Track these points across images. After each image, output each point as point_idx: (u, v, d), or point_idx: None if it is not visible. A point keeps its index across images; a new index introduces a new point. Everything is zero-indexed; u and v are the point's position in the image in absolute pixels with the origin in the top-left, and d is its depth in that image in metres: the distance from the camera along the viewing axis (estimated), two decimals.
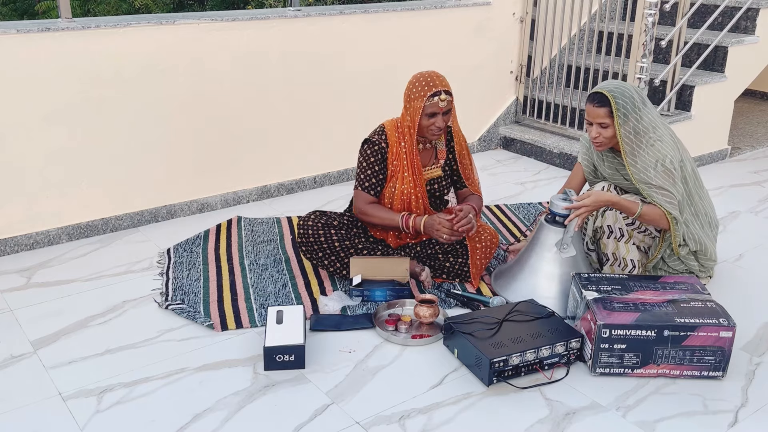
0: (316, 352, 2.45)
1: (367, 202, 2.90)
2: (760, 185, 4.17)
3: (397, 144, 2.86)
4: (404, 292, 2.78)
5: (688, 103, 4.34)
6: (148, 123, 3.41)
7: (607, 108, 2.63)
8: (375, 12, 3.99)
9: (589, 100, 2.69)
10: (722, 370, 2.31)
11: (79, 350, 2.46)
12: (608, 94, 2.62)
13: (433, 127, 2.77)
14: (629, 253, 2.77)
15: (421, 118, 2.76)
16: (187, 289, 2.87)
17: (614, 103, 2.61)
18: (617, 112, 2.61)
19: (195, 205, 3.68)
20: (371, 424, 2.11)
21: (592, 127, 2.69)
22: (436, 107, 2.73)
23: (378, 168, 2.87)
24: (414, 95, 2.76)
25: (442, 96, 2.72)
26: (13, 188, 3.15)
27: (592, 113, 2.67)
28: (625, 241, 2.77)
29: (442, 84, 2.74)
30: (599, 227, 2.81)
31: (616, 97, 2.62)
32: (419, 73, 2.80)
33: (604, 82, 2.75)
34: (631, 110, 2.62)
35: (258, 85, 3.69)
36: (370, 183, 2.88)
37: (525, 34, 4.70)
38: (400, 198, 2.87)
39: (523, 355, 2.28)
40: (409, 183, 2.86)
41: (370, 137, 2.90)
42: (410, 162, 2.86)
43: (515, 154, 4.77)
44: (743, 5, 4.39)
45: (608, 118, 2.64)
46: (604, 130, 2.66)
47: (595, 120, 2.67)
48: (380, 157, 2.87)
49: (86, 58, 3.17)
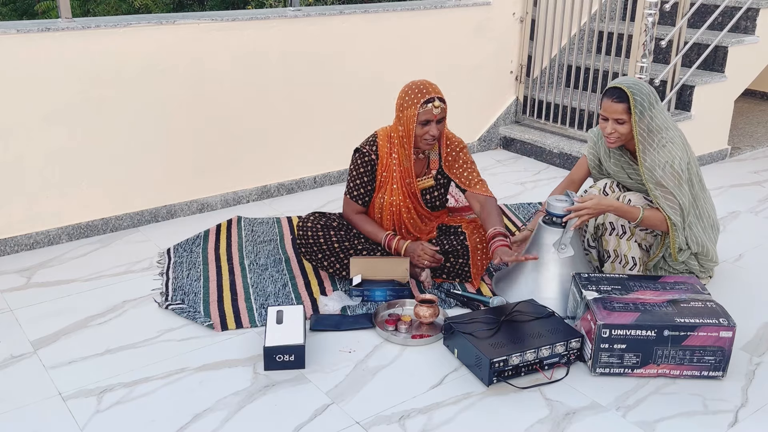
0: (316, 352, 2.45)
1: (355, 212, 2.92)
2: (760, 185, 4.17)
3: (387, 155, 2.84)
4: (404, 292, 2.78)
5: (688, 103, 4.34)
6: (148, 123, 3.41)
7: (626, 104, 2.61)
8: (375, 12, 3.99)
9: (606, 96, 2.65)
10: (722, 370, 2.31)
11: (79, 350, 2.46)
12: (627, 90, 2.61)
13: (427, 135, 2.74)
14: (631, 251, 2.77)
15: (415, 127, 2.73)
16: (187, 289, 2.87)
17: (632, 99, 2.60)
18: (635, 109, 2.59)
19: (195, 205, 3.68)
20: (371, 424, 2.11)
21: (608, 123, 2.66)
22: (429, 114, 2.70)
23: (367, 179, 2.86)
24: (407, 103, 2.73)
25: (435, 102, 2.70)
26: (13, 188, 3.15)
27: (609, 109, 2.64)
28: (627, 238, 2.77)
29: (435, 91, 2.72)
30: (601, 224, 2.81)
31: (634, 94, 2.60)
32: (411, 82, 2.78)
33: (620, 78, 2.72)
34: (647, 107, 2.62)
35: (258, 85, 3.69)
36: (358, 193, 2.89)
37: (525, 34, 4.70)
38: (389, 210, 2.88)
39: (523, 355, 2.28)
40: (398, 195, 2.85)
41: (361, 147, 2.88)
42: (401, 174, 2.83)
43: (515, 154, 4.77)
44: (743, 5, 4.39)
45: (625, 114, 2.62)
46: (620, 126, 2.64)
47: (612, 116, 2.64)
48: (369, 168, 2.85)
49: (86, 58, 3.17)
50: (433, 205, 2.95)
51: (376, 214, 2.93)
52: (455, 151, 2.90)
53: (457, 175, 2.90)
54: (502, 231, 2.72)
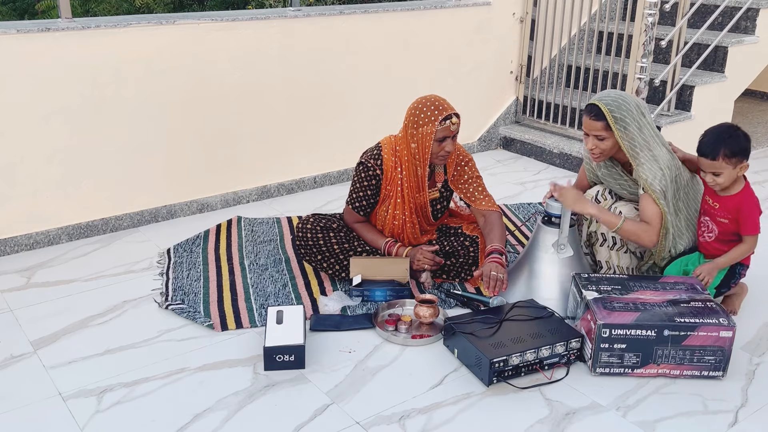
0: (316, 352, 2.45)
1: (356, 221, 2.93)
2: (760, 185, 4.17)
3: (392, 169, 2.82)
4: (404, 292, 2.78)
5: (688, 103, 4.34)
6: (148, 123, 3.41)
7: (603, 122, 2.58)
8: (375, 12, 3.99)
9: (585, 112, 2.64)
10: (722, 370, 2.31)
11: (79, 350, 2.46)
12: (604, 108, 2.57)
13: (443, 152, 2.72)
14: (621, 261, 2.76)
15: (432, 144, 2.70)
16: (187, 289, 2.87)
17: (610, 116, 2.56)
18: (615, 125, 2.56)
19: (195, 205, 3.69)
20: (371, 424, 2.11)
21: (589, 139, 2.65)
22: (447, 131, 2.68)
23: (370, 193, 2.86)
24: (422, 120, 2.68)
25: (453, 119, 2.68)
26: (13, 188, 3.15)
27: (588, 125, 2.63)
28: (617, 249, 2.75)
29: (450, 107, 2.69)
30: (593, 232, 2.81)
31: (612, 111, 2.56)
32: (422, 98, 2.74)
33: (603, 91, 2.69)
34: (630, 121, 2.57)
35: (258, 85, 3.69)
36: (360, 204, 2.88)
37: (525, 34, 4.70)
38: (391, 223, 2.88)
39: (523, 355, 2.28)
40: (402, 209, 2.84)
41: (365, 160, 2.84)
42: (410, 189, 2.81)
43: (515, 154, 4.77)
44: (743, 5, 4.39)
45: (604, 131, 2.59)
46: (601, 142, 2.62)
47: (591, 132, 2.62)
48: (374, 182, 2.84)
49: (86, 58, 3.17)
50: (435, 216, 2.95)
51: (378, 224, 2.93)
52: (460, 166, 2.89)
53: (463, 191, 2.89)
54: (498, 248, 2.74)
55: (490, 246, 2.77)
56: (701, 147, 2.55)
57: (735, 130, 2.55)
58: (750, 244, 2.61)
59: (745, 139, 2.55)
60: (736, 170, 2.54)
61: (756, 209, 2.59)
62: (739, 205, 2.57)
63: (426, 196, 2.84)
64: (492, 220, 2.85)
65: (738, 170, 2.55)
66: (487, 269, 2.65)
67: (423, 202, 2.86)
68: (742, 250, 2.61)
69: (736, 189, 2.60)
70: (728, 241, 2.63)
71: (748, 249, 2.62)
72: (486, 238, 2.83)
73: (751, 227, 2.58)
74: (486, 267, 2.67)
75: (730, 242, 2.62)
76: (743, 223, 2.57)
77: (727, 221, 2.60)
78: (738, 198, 2.59)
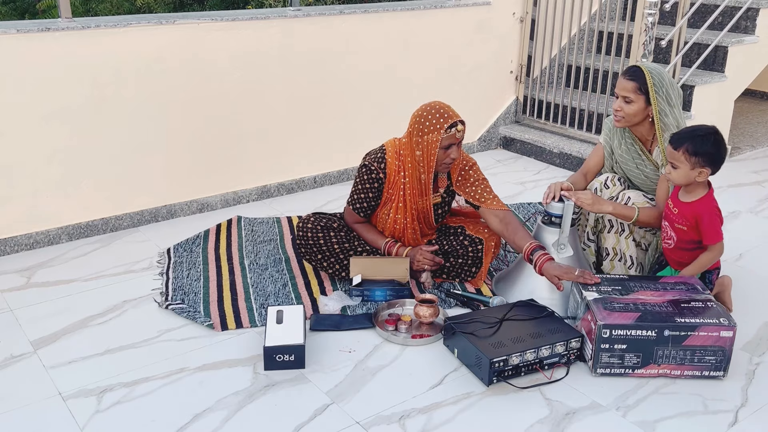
0: (316, 352, 2.45)
1: (356, 222, 2.92)
2: (760, 185, 4.17)
3: (395, 173, 2.81)
4: (404, 292, 2.78)
5: (688, 103, 4.34)
6: (148, 123, 3.41)
7: (636, 83, 2.64)
8: (375, 12, 3.99)
9: (622, 73, 2.71)
10: (723, 370, 2.31)
11: (79, 350, 2.46)
12: (645, 70, 2.64)
13: (448, 159, 2.71)
14: (629, 249, 2.77)
15: (437, 152, 2.69)
16: (187, 289, 2.87)
17: (650, 78, 2.62)
18: (654, 87, 2.62)
19: (195, 205, 3.68)
20: (371, 424, 2.11)
21: (617, 101, 2.71)
22: (453, 138, 2.67)
23: (372, 195, 2.85)
24: (428, 128, 2.67)
25: (459, 127, 2.67)
26: (13, 188, 3.15)
27: (620, 85, 2.69)
28: (626, 236, 2.77)
29: (455, 114, 2.68)
30: (600, 218, 2.81)
31: (653, 75, 2.63)
32: (426, 104, 2.72)
33: (650, 62, 2.75)
34: (664, 94, 2.64)
35: (258, 85, 3.69)
36: (361, 206, 2.88)
37: (525, 34, 4.70)
38: (392, 226, 2.88)
39: (523, 355, 2.28)
40: (403, 213, 2.84)
41: (369, 163, 2.82)
42: (413, 196, 2.80)
43: (515, 154, 4.77)
44: (743, 5, 4.39)
45: (633, 93, 2.64)
46: (627, 105, 2.67)
47: (621, 93, 2.68)
48: (376, 185, 2.83)
49: (86, 58, 3.17)
50: (436, 220, 2.95)
51: (379, 226, 2.93)
52: (465, 170, 2.87)
53: (470, 193, 2.84)
54: (539, 243, 2.64)
55: (531, 243, 2.62)
56: (673, 135, 2.53)
57: (711, 133, 2.47)
58: (715, 252, 2.56)
59: (716, 146, 2.45)
60: (693, 172, 2.46)
61: (716, 218, 2.52)
62: (698, 213, 2.51)
63: (429, 202, 2.84)
64: (509, 220, 2.76)
65: (696, 173, 2.47)
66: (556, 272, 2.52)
67: (426, 208, 2.86)
68: (708, 258, 2.56)
69: (697, 195, 2.54)
70: (689, 249, 2.58)
71: (714, 257, 2.57)
72: (514, 237, 2.70)
73: (713, 236, 2.52)
74: (550, 269, 2.53)
75: (691, 250, 2.58)
76: (705, 233, 2.52)
77: (685, 228, 2.54)
78: (697, 205, 2.52)
